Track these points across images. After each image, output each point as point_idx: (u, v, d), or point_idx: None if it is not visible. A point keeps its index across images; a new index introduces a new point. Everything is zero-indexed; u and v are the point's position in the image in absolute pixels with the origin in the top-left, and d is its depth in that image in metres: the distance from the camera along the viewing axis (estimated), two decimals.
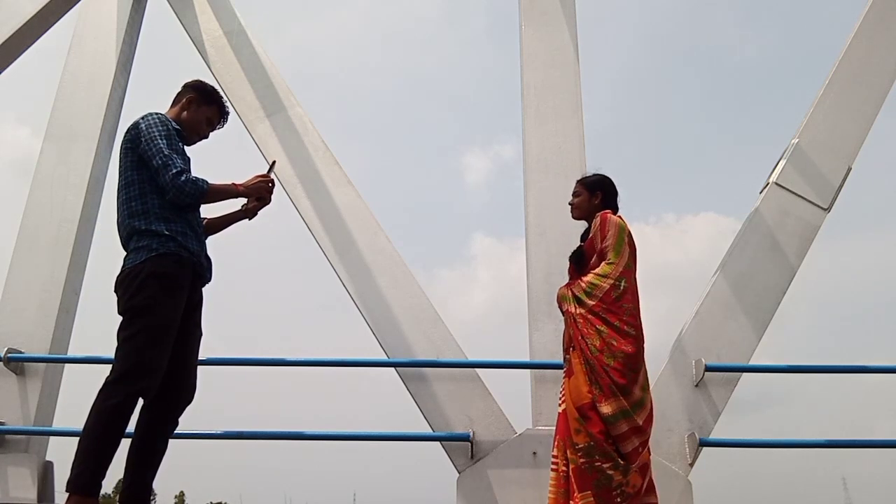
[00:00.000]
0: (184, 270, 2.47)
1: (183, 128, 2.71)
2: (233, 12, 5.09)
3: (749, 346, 3.89)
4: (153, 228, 2.45)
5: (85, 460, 2.21)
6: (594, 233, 2.93)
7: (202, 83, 2.81)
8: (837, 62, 4.42)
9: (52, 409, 4.28)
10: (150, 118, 2.57)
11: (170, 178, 2.44)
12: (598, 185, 3.10)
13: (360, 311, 4.19)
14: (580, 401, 2.68)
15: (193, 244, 2.53)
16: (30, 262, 4.47)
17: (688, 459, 3.65)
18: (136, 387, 2.30)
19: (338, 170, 4.56)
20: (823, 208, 4.15)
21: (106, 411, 2.26)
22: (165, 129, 2.54)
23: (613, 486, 2.56)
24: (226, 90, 4.85)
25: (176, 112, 2.74)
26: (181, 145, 2.62)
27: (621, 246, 2.84)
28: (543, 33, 4.56)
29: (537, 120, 4.35)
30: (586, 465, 2.59)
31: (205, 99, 2.77)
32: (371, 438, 4.04)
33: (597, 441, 2.60)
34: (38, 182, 4.67)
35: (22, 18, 4.60)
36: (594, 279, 2.81)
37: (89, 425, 2.26)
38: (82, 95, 4.89)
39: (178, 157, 2.50)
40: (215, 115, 2.81)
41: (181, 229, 2.49)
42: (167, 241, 2.44)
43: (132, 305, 2.37)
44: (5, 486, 3.90)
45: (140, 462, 2.45)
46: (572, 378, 2.76)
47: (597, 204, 3.06)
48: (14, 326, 4.29)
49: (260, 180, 2.74)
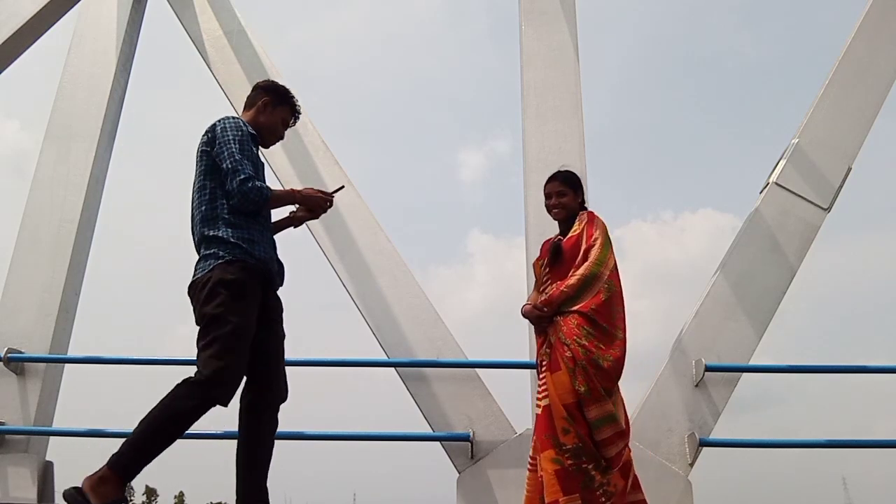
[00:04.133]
0: (251, 277, 2.46)
1: (260, 131, 2.71)
2: (233, 12, 5.09)
3: (749, 346, 3.89)
4: (220, 235, 2.44)
5: (135, 445, 2.22)
6: (579, 231, 2.84)
7: (274, 84, 2.81)
8: (837, 62, 4.42)
9: (52, 409, 4.29)
10: (226, 121, 2.56)
11: (237, 183, 2.42)
12: (579, 183, 3.02)
13: (360, 311, 4.19)
14: (567, 398, 2.59)
15: (260, 250, 2.51)
16: (30, 263, 4.47)
17: (688, 459, 3.65)
18: (212, 393, 2.30)
19: (338, 170, 4.57)
20: (823, 208, 4.15)
21: (177, 409, 2.26)
22: (240, 134, 2.52)
23: (596, 487, 2.52)
24: (226, 90, 4.86)
25: (252, 115, 2.73)
26: (255, 151, 2.61)
27: (608, 247, 2.78)
28: (543, 33, 4.56)
29: (537, 120, 4.35)
30: (574, 467, 2.52)
31: (279, 100, 2.77)
32: (371, 438, 4.04)
33: (585, 442, 2.53)
34: (38, 182, 4.68)
35: (22, 18, 4.62)
36: (582, 279, 2.71)
37: (155, 415, 2.25)
38: (82, 95, 4.89)
39: (248, 163, 2.48)
40: (289, 114, 2.81)
41: (248, 236, 2.48)
42: (233, 248, 2.43)
43: (204, 314, 2.37)
44: (5, 486, 3.91)
45: (249, 465, 2.46)
46: (557, 374, 2.64)
47: (580, 202, 3.00)
48: (14, 326, 4.29)
49: (319, 194, 2.73)
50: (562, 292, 2.72)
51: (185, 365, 4.30)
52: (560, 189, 2.99)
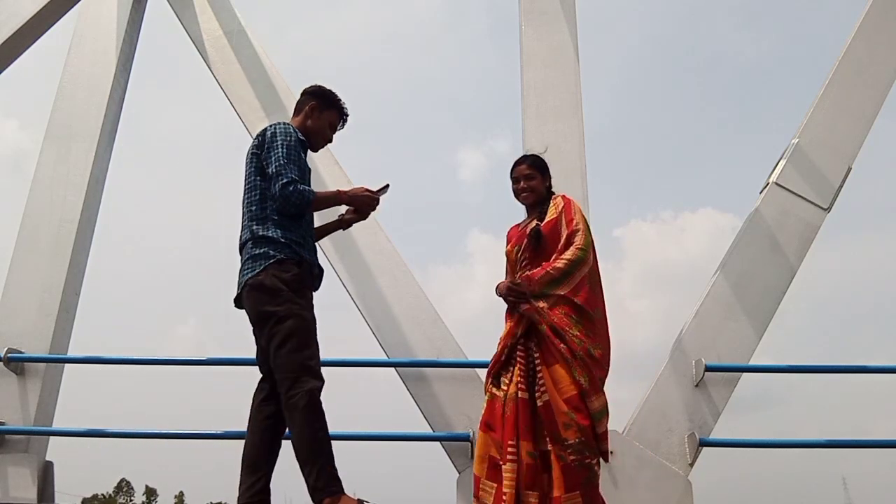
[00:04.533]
0: (304, 272, 2.56)
1: (309, 136, 2.79)
2: (233, 12, 5.08)
3: (749, 346, 3.89)
4: (270, 234, 2.52)
5: (315, 464, 2.31)
6: (556, 216, 2.75)
7: (321, 88, 2.85)
8: (837, 62, 4.41)
9: (52, 409, 4.28)
10: (277, 127, 2.64)
11: (279, 186, 2.49)
12: (546, 167, 2.92)
13: (360, 311, 4.19)
14: (568, 391, 2.50)
15: (307, 253, 2.60)
16: (30, 262, 4.46)
17: (688, 459, 3.64)
18: (307, 386, 2.37)
19: (338, 170, 4.56)
20: (823, 208, 4.15)
21: (299, 416, 2.34)
22: (288, 139, 2.59)
23: (598, 483, 2.47)
24: (226, 90, 4.86)
25: (300, 121, 2.81)
26: (303, 156, 2.67)
27: (589, 234, 2.72)
28: (543, 33, 4.56)
29: (537, 120, 4.35)
30: (576, 463, 2.43)
31: (326, 104, 2.83)
32: (371, 438, 4.04)
33: (588, 437, 2.46)
34: (38, 182, 4.67)
35: (22, 18, 4.61)
36: (569, 264, 2.63)
37: (296, 433, 2.36)
38: (82, 95, 4.88)
39: (293, 168, 2.55)
40: (336, 117, 2.86)
41: (296, 238, 2.57)
42: (284, 247, 2.51)
43: (269, 312, 2.44)
44: (5, 486, 3.90)
45: (267, 463, 2.50)
46: (554, 367, 2.54)
47: (547, 186, 2.91)
48: (14, 326, 4.29)
49: (366, 193, 2.75)
50: (547, 273, 2.64)
51: (186, 365, 4.31)
52: (528, 172, 2.91)
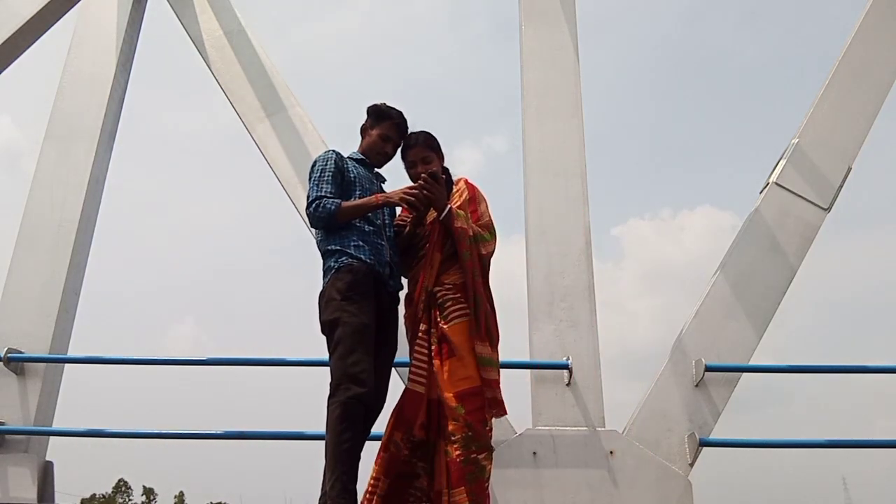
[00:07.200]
0: (360, 278, 2.59)
1: (366, 154, 2.85)
2: (233, 12, 5.09)
3: (749, 346, 3.89)
4: (329, 248, 2.67)
5: (334, 473, 2.40)
6: (459, 204, 2.69)
7: (373, 105, 2.89)
8: (837, 62, 4.42)
9: (52, 409, 4.28)
10: (318, 157, 2.78)
11: (306, 209, 2.68)
12: (439, 144, 2.80)
13: None
14: (460, 386, 2.47)
15: (366, 254, 2.64)
16: (30, 262, 4.46)
17: (688, 459, 3.64)
18: (346, 394, 2.44)
19: None
20: (823, 208, 4.15)
21: (331, 424, 2.44)
22: (324, 165, 2.72)
23: (486, 478, 2.45)
24: (226, 90, 4.86)
25: (362, 141, 2.92)
26: (348, 176, 2.74)
27: (493, 233, 2.73)
28: (543, 33, 4.56)
29: (537, 120, 4.35)
30: (462, 459, 2.40)
31: (376, 118, 2.87)
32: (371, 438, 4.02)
33: (475, 431, 2.43)
34: (38, 182, 4.67)
35: (22, 18, 4.60)
36: (486, 236, 2.67)
37: (327, 439, 2.46)
38: (82, 95, 4.88)
39: (316, 188, 2.66)
40: (388, 129, 2.85)
41: (353, 242, 2.65)
42: (340, 255, 2.63)
43: (324, 322, 2.60)
44: (5, 486, 3.90)
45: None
46: (453, 360, 2.51)
47: (444, 167, 2.80)
48: (14, 326, 4.28)
49: (402, 194, 2.65)
50: (463, 227, 2.61)
51: (186, 365, 4.31)
52: (425, 155, 2.78)
